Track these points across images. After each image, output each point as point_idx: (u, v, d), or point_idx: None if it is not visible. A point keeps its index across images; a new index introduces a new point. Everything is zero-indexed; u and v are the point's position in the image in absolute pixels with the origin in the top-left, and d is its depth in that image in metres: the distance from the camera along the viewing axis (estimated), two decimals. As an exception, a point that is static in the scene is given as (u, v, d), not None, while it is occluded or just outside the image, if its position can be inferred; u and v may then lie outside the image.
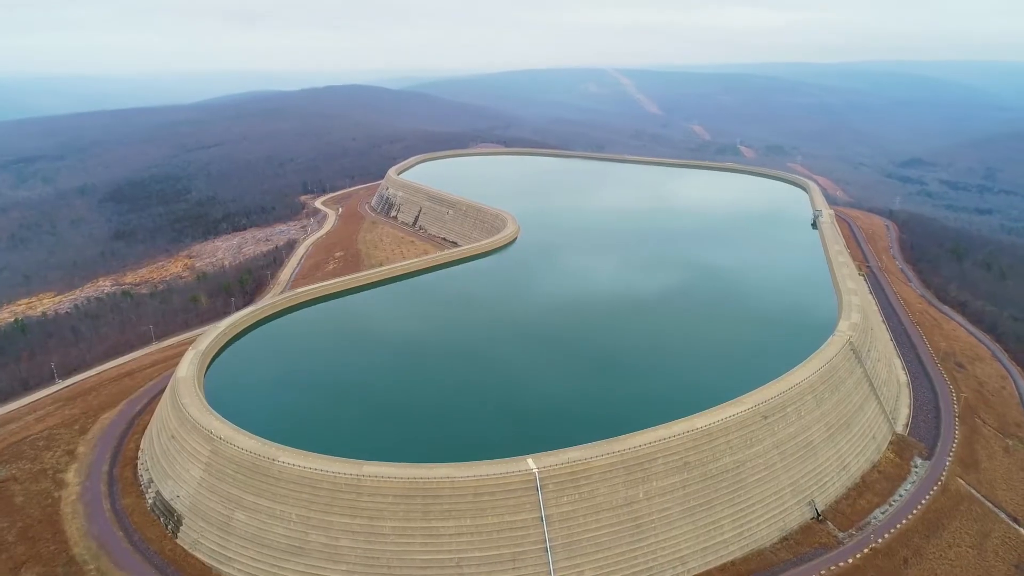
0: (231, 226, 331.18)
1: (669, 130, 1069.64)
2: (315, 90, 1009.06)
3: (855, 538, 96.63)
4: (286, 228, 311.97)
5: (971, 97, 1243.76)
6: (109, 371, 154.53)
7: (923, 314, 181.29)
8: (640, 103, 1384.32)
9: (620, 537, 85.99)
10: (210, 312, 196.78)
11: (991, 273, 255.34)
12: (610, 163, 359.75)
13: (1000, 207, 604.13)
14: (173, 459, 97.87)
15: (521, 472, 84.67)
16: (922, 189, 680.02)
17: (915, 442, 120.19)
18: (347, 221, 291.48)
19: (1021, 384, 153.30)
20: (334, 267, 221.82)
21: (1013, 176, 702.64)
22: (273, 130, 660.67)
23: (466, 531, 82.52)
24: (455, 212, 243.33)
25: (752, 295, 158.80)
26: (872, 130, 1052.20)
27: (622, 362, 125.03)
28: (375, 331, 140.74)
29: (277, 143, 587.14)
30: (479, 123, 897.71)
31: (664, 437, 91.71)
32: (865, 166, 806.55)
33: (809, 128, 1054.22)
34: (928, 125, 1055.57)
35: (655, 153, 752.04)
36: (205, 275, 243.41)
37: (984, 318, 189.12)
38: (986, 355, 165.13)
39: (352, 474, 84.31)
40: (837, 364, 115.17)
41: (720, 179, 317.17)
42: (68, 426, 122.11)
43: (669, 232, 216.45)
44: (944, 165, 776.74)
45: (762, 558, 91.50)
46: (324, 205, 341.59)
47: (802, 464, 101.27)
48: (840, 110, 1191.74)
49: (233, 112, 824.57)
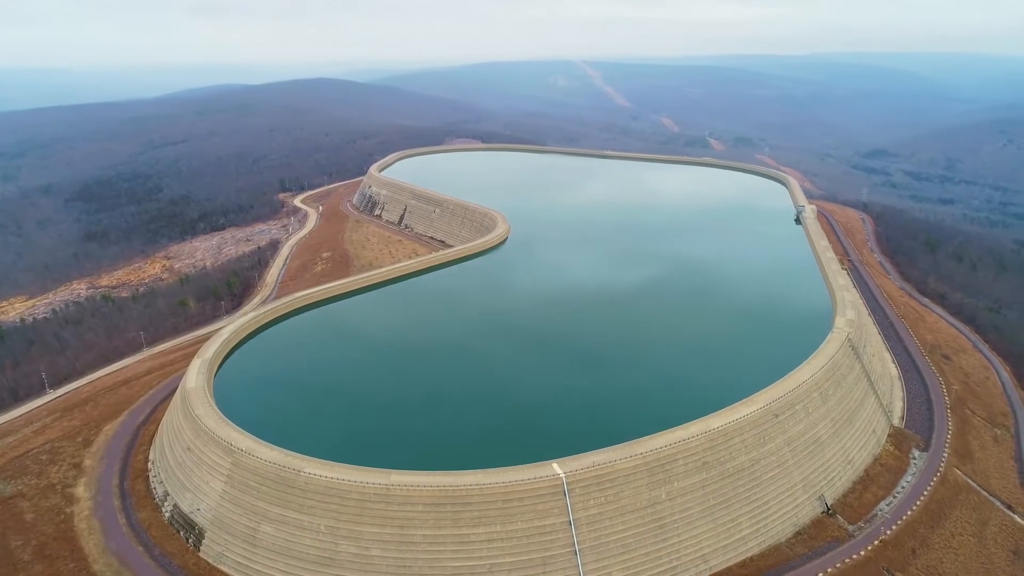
0: (209, 226, 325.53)
1: (639, 123, 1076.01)
2: (282, 84, 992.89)
3: (864, 530, 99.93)
4: (266, 228, 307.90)
5: (931, 89, 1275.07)
6: (103, 379, 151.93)
7: (906, 307, 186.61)
8: (609, 96, 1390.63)
9: (645, 538, 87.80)
10: (199, 316, 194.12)
11: (963, 265, 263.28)
12: (591, 159, 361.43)
13: (961, 197, 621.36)
14: (190, 471, 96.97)
15: (548, 477, 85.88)
16: (887, 180, 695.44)
17: (912, 434, 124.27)
18: (330, 220, 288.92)
19: (1003, 374, 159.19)
20: (323, 268, 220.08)
21: (972, 167, 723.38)
22: (242, 126, 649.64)
23: (496, 537, 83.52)
24: (442, 211, 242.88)
25: (746, 293, 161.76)
26: (836, 121, 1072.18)
27: (630, 363, 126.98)
28: (380, 335, 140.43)
29: (248, 139, 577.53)
30: (450, 117, 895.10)
31: (683, 438, 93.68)
32: (831, 157, 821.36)
33: (775, 120, 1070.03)
34: (890, 116, 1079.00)
35: (626, 146, 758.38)
36: (188, 277, 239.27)
37: (963, 310, 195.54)
38: (968, 346, 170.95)
39: (381, 483, 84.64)
40: (839, 361, 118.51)
41: (700, 174, 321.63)
42: (71, 438, 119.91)
43: (659, 230, 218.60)
44: (907, 156, 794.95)
45: (779, 553, 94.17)
46: (304, 203, 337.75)
47: (811, 460, 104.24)
48: (805, 102, 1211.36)
49: (199, 107, 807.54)
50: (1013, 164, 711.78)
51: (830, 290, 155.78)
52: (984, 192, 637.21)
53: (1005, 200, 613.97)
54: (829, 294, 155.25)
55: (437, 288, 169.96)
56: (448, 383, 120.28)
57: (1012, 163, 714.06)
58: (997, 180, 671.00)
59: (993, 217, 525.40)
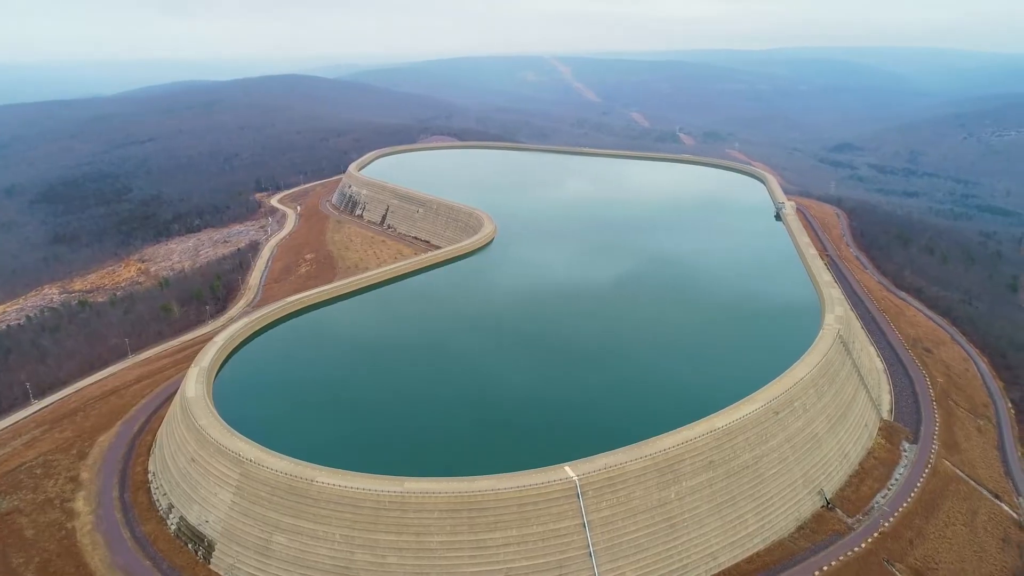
0: (184, 227, 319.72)
1: (609, 118, 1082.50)
2: (249, 80, 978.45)
3: (863, 523, 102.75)
4: (244, 228, 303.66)
5: (892, 84, 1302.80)
6: (89, 389, 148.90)
7: (886, 301, 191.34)
8: (579, 91, 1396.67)
9: (656, 537, 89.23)
10: (183, 321, 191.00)
11: (934, 258, 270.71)
12: (569, 156, 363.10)
13: (925, 190, 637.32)
14: (196, 483, 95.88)
15: (562, 480, 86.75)
16: (853, 173, 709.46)
17: (901, 427, 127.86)
18: (309, 220, 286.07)
19: (981, 366, 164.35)
20: (307, 270, 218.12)
21: (935, 160, 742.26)
22: (211, 124, 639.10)
23: (512, 541, 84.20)
24: (425, 210, 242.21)
25: (735, 291, 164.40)
26: (802, 116, 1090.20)
27: (628, 363, 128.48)
28: (377, 339, 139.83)
29: (217, 137, 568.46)
30: (421, 113, 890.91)
31: (689, 438, 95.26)
32: (799, 151, 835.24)
33: (743, 114, 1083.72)
34: (854, 111, 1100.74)
35: (599, 141, 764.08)
36: (167, 281, 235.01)
37: (939, 303, 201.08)
38: (947, 339, 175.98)
39: (395, 491, 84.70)
40: (832, 358, 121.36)
41: (679, 171, 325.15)
42: (64, 451, 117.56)
43: (644, 228, 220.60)
44: (872, 149, 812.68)
45: (784, 548, 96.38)
46: (281, 203, 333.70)
47: (810, 456, 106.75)
48: (771, 96, 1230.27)
49: (164, 104, 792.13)
50: (972, 157, 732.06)
51: (816, 287, 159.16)
52: (947, 185, 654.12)
53: (966, 192, 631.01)
54: (815, 291, 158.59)
55: (430, 289, 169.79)
56: (448, 386, 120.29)
57: (971, 156, 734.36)
58: (958, 173, 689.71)
59: (956, 209, 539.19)
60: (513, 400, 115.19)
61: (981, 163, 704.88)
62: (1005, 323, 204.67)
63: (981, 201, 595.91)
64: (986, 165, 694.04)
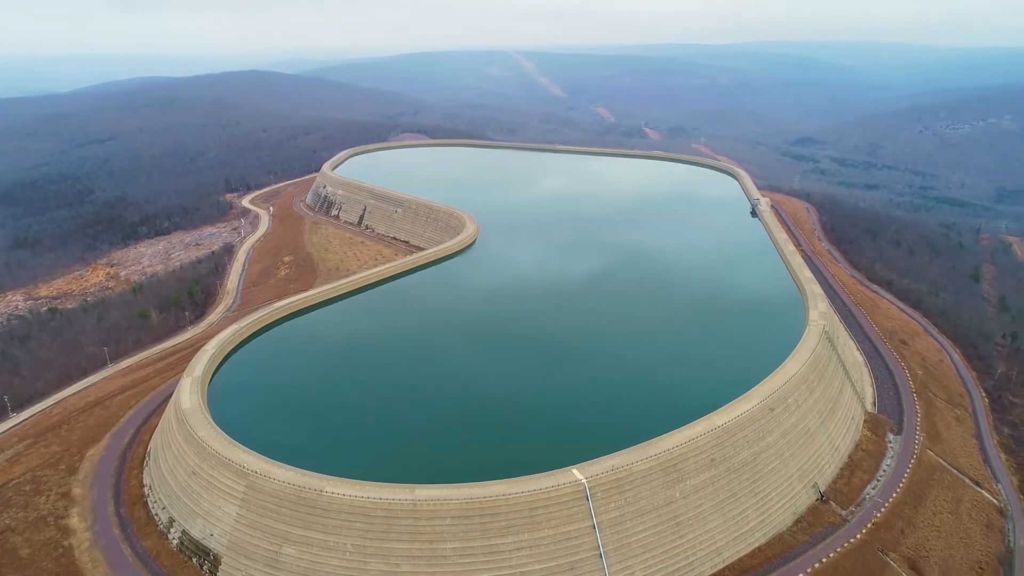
0: (153, 230, 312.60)
1: (576, 113, 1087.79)
2: (210, 77, 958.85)
3: (856, 514, 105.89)
4: (216, 230, 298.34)
5: (849, 77, 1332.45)
6: (71, 400, 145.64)
7: (860, 295, 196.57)
8: (544, 86, 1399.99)
9: (663, 536, 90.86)
10: (162, 328, 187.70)
11: (901, 250, 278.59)
12: (543, 153, 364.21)
13: (885, 182, 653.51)
14: (199, 496, 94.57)
15: (571, 483, 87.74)
16: (815, 167, 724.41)
17: (885, 419, 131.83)
18: (284, 221, 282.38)
19: (955, 357, 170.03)
20: (287, 273, 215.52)
21: (893, 153, 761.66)
22: (172, 122, 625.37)
23: (525, 545, 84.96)
24: (404, 210, 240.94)
25: (719, 288, 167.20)
26: (763, 110, 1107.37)
27: (622, 363, 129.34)
28: (369, 343, 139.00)
29: (180, 136, 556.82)
30: (387, 109, 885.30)
31: (691, 437, 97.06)
32: (762, 145, 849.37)
33: (706, 108, 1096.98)
34: (813, 104, 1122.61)
35: (567, 136, 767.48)
36: (140, 286, 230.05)
37: (910, 295, 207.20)
38: (920, 330, 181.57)
39: (407, 499, 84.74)
40: (819, 353, 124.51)
41: (653, 168, 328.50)
42: (52, 466, 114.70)
43: (624, 225, 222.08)
44: (832, 143, 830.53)
45: (783, 542, 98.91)
46: (253, 204, 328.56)
47: (804, 450, 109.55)
48: (733, 91, 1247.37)
49: (122, 101, 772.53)
50: (929, 150, 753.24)
51: (797, 283, 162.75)
52: (905, 177, 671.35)
53: (924, 184, 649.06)
54: (797, 287, 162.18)
55: (420, 292, 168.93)
56: (442, 389, 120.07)
57: (928, 149, 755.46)
58: (916, 165, 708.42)
59: (916, 201, 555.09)
60: (512, 403, 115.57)
61: (937, 156, 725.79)
62: (972, 313, 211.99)
63: (939, 193, 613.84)
64: (942, 158, 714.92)
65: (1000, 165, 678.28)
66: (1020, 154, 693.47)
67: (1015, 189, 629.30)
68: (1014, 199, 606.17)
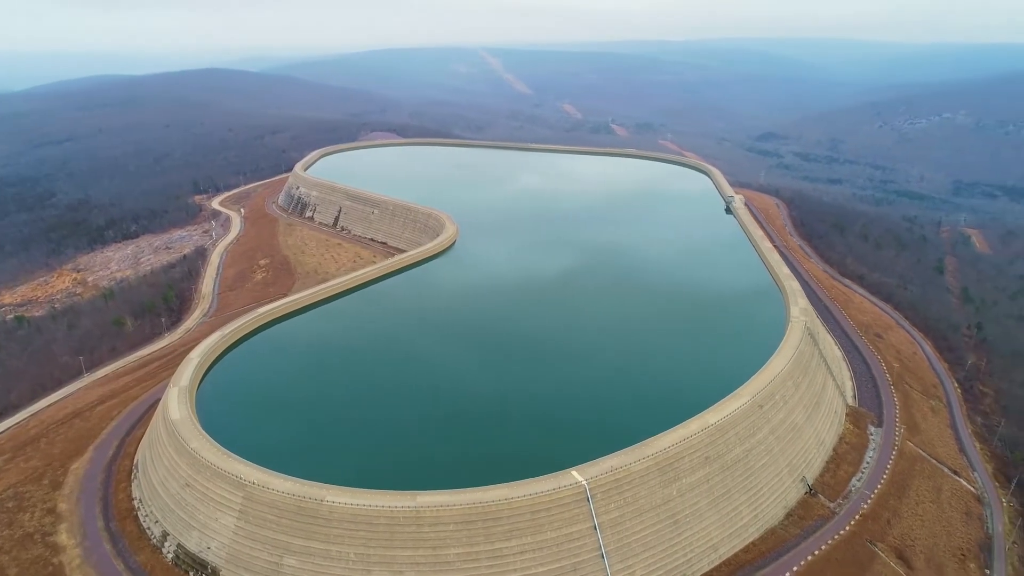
0: (120, 233, 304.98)
1: (542, 110, 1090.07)
2: (170, 75, 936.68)
3: (844, 506, 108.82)
4: (186, 233, 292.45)
5: (810, 73, 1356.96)
6: (48, 412, 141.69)
7: (834, 289, 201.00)
8: (510, 83, 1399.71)
9: (662, 534, 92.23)
10: (138, 335, 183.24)
11: (869, 244, 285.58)
12: (516, 152, 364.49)
13: (847, 176, 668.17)
14: (194, 509, 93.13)
15: (572, 485, 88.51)
16: (780, 162, 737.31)
17: (865, 412, 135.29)
18: (256, 224, 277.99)
19: (926, 349, 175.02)
20: (263, 276, 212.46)
21: (854, 147, 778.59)
22: (134, 121, 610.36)
23: (528, 548, 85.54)
24: (381, 211, 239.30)
25: (700, 286, 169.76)
26: (727, 105, 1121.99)
27: (612, 364, 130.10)
28: (357, 347, 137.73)
29: (142, 136, 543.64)
30: (354, 107, 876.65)
31: (685, 436, 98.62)
32: (727, 141, 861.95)
33: (671, 104, 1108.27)
34: (775, 100, 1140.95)
35: (535, 133, 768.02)
36: (111, 292, 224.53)
37: (881, 289, 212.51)
38: (893, 324, 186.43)
39: (409, 506, 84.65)
40: (803, 349, 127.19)
41: (626, 166, 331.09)
42: (35, 481, 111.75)
43: (601, 224, 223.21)
44: (795, 138, 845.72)
45: (776, 536, 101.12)
46: (223, 206, 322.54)
47: (792, 445, 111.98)
48: (697, 87, 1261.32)
49: (80, 100, 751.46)
50: (888, 144, 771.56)
51: (776, 280, 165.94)
52: (866, 171, 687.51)
53: (885, 178, 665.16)
54: (775, 283, 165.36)
55: (404, 294, 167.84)
56: (430, 392, 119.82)
57: (887, 143, 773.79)
58: (876, 160, 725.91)
59: (878, 195, 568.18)
60: (505, 405, 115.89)
61: (896, 150, 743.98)
62: (939, 306, 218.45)
63: (899, 186, 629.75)
64: (901, 152, 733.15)
65: (956, 159, 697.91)
66: (974, 148, 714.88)
67: (970, 182, 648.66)
68: (970, 192, 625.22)
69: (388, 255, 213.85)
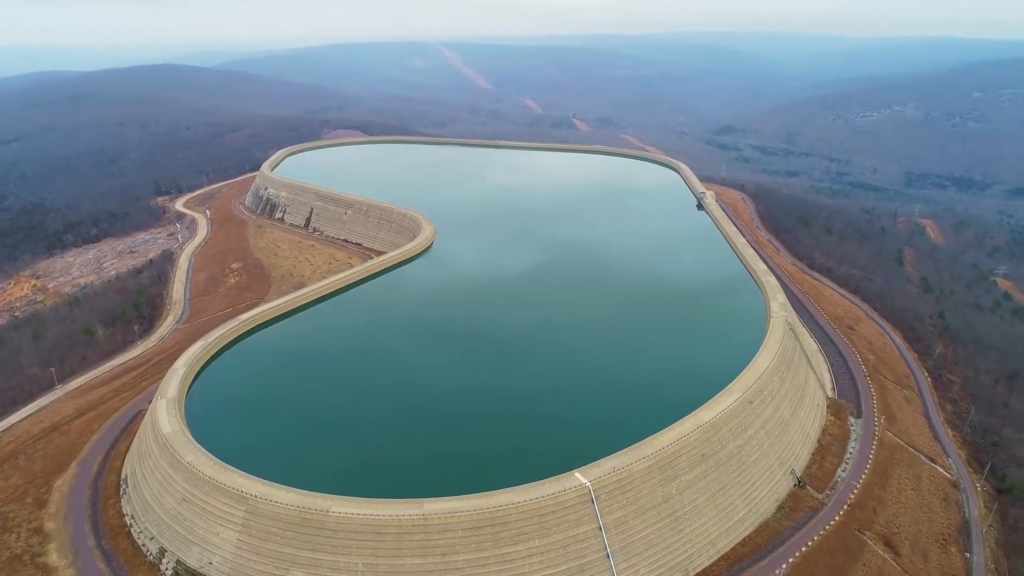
0: (79, 238, 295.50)
1: (503, 105, 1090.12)
2: (119, 71, 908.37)
3: (832, 497, 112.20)
4: (150, 237, 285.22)
5: (765, 67, 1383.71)
6: (23, 426, 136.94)
7: (805, 283, 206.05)
8: (470, 78, 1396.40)
9: (663, 532, 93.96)
10: (109, 344, 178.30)
11: (832, 237, 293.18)
12: (484, 149, 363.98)
13: (804, 169, 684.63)
14: (192, 524, 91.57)
15: (576, 487, 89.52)
16: (739, 155, 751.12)
17: (845, 403, 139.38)
18: (224, 226, 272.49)
19: (896, 339, 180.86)
20: (236, 280, 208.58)
21: (809, 140, 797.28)
22: (84, 120, 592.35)
23: (536, 552, 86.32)
24: (355, 212, 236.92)
25: (679, 283, 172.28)
26: (685, 99, 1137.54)
27: (601, 364, 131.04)
28: (345, 353, 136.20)
29: (95, 135, 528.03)
30: (312, 104, 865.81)
31: (682, 434, 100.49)
32: (687, 135, 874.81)
33: (630, 99, 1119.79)
34: (732, 94, 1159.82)
35: (497, 128, 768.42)
36: (76, 299, 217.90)
37: (848, 282, 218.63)
38: (863, 315, 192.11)
39: (417, 514, 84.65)
40: (786, 344, 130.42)
41: (595, 162, 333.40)
42: (18, 500, 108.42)
43: (577, 223, 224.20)
44: (753, 131, 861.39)
45: (769, 529, 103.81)
46: (187, 208, 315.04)
47: (781, 439, 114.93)
48: (654, 81, 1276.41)
49: (25, 98, 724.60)
50: (842, 137, 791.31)
51: (753, 275, 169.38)
52: (822, 164, 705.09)
53: (840, 171, 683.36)
54: (753, 279, 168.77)
55: (385, 297, 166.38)
56: (420, 395, 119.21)
57: (841, 136, 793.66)
58: (831, 152, 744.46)
59: (835, 187, 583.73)
60: (501, 407, 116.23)
61: (850, 143, 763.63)
62: (903, 296, 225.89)
63: (853, 178, 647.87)
64: (854, 144, 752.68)
65: (907, 151, 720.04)
66: (924, 140, 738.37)
67: (921, 173, 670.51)
68: (921, 183, 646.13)
69: (364, 256, 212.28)
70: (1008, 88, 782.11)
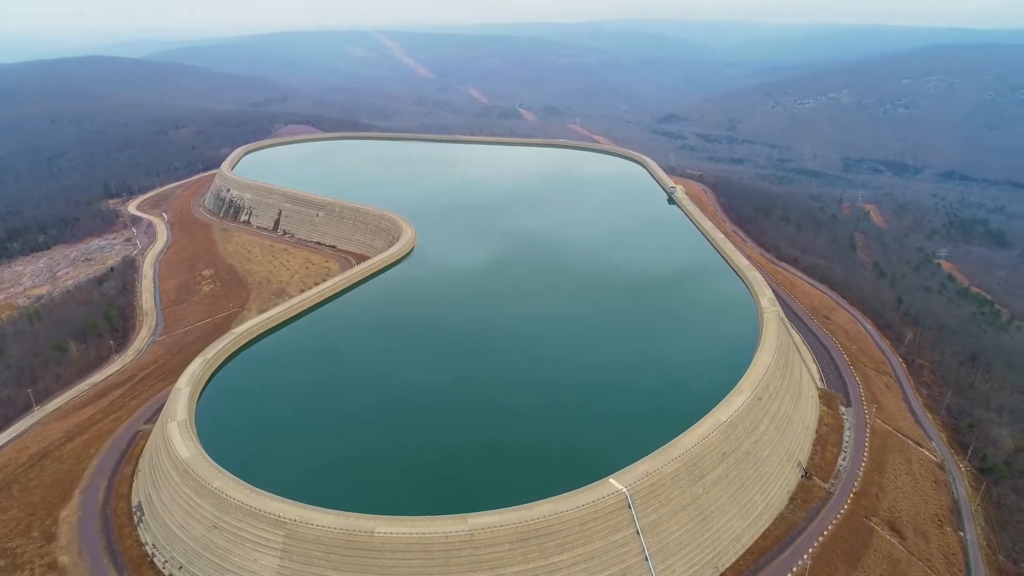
0: (27, 245, 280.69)
1: (448, 95, 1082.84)
2: (44, 63, 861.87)
3: (837, 486, 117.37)
4: (105, 243, 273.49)
5: (704, 55, 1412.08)
6: (8, 453, 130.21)
7: (777, 274, 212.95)
8: (411, 67, 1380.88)
9: (694, 532, 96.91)
10: (83, 360, 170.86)
11: (791, 226, 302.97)
12: (446, 144, 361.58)
13: (748, 156, 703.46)
14: (227, 552, 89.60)
15: (614, 494, 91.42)
16: (684, 143, 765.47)
17: (834, 393, 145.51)
18: (186, 230, 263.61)
19: (868, 327, 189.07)
20: (211, 288, 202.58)
21: (751, 127, 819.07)
22: (12, 116, 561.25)
23: (580, 559, 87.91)
24: (327, 214, 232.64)
25: (666, 281, 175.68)
26: (628, 88, 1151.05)
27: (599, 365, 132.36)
28: (346, 363, 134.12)
29: (27, 134, 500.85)
30: (254, 97, 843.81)
31: (704, 435, 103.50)
32: (632, 123, 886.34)
33: (573, 88, 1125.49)
34: (674, 82, 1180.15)
35: (443, 120, 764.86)
36: (37, 312, 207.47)
37: (815, 271, 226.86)
38: (835, 305, 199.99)
39: (463, 530, 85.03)
40: (783, 340, 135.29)
41: (559, 156, 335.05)
42: (23, 535, 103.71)
43: (550, 220, 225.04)
44: (696, 119, 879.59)
45: (785, 521, 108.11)
46: (141, 210, 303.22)
47: (787, 433, 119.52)
48: (597, 70, 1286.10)
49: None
50: (781, 124, 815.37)
51: (737, 270, 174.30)
52: (764, 150, 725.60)
53: (781, 157, 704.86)
54: (736, 274, 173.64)
55: (376, 303, 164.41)
56: (433, 404, 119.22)
57: (780, 123, 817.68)
58: (771, 139, 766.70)
59: (779, 174, 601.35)
60: (516, 414, 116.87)
61: (789, 129, 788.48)
62: (864, 283, 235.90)
63: (795, 164, 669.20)
64: (793, 131, 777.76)
65: (843, 137, 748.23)
66: (858, 127, 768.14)
67: (857, 159, 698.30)
68: (858, 168, 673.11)
69: (341, 259, 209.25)
70: (933, 75, 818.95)
